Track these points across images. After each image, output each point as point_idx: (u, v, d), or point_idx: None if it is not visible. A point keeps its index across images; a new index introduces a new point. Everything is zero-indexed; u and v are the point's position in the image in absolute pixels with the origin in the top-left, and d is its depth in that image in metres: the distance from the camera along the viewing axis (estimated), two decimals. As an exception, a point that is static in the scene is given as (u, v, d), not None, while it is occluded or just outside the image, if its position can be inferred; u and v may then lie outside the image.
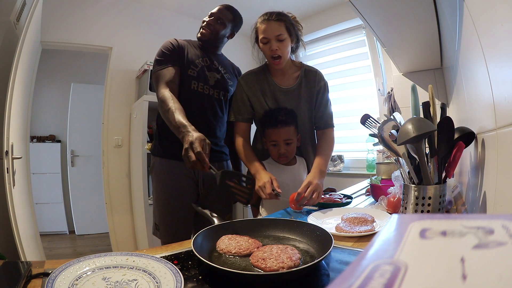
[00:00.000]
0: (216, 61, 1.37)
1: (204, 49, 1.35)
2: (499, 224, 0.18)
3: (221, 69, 1.36)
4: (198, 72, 1.28)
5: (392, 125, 0.84)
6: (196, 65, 1.28)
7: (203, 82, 1.29)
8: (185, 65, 1.26)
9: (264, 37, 1.17)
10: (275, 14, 1.17)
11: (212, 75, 1.32)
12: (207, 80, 1.30)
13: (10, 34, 1.64)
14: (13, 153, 1.58)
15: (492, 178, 0.59)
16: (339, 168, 2.91)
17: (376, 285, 0.14)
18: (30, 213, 1.91)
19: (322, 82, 1.30)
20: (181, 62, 1.25)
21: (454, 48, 1.05)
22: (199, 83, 1.28)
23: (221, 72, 1.36)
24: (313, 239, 0.69)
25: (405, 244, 0.18)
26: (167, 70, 1.21)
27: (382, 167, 1.54)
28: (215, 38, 1.33)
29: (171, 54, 1.24)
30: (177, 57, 1.25)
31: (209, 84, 1.31)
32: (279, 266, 0.56)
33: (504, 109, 0.50)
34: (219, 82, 1.34)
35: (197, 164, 0.87)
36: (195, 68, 1.27)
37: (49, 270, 0.53)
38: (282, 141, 1.18)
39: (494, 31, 0.52)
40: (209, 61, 1.33)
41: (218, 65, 1.36)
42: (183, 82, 1.25)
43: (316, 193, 1.05)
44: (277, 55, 1.18)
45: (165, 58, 1.23)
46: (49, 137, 3.71)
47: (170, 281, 0.51)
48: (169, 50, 1.24)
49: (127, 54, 2.63)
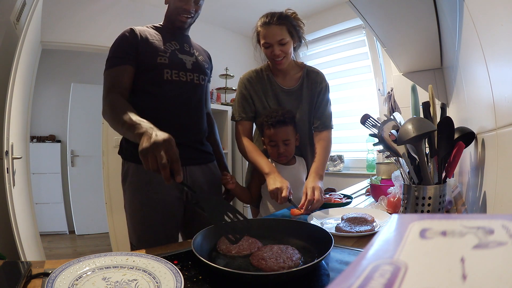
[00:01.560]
0: (186, 43, 1.17)
1: (169, 31, 1.14)
2: (499, 224, 0.18)
3: (194, 51, 1.17)
4: (169, 57, 1.07)
5: (392, 125, 0.84)
6: (165, 50, 1.08)
7: (178, 68, 1.09)
8: (151, 53, 1.05)
9: (265, 42, 1.17)
10: (276, 18, 1.15)
11: (186, 58, 1.12)
12: (182, 64, 1.10)
13: (10, 34, 1.64)
14: (13, 153, 1.59)
15: (492, 178, 0.59)
16: (339, 168, 2.91)
17: (376, 285, 0.14)
18: (30, 213, 1.91)
19: (324, 83, 1.29)
20: (142, 54, 1.04)
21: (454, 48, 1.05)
22: (172, 71, 1.07)
23: (195, 54, 1.16)
24: (313, 239, 0.69)
25: (405, 244, 0.18)
26: (117, 71, 1.01)
27: (382, 167, 1.55)
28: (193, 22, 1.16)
29: (124, 48, 1.03)
30: (132, 51, 1.03)
31: (185, 68, 1.10)
32: (279, 266, 0.56)
33: (504, 109, 0.50)
34: (196, 65, 1.14)
35: (166, 170, 0.65)
36: (164, 54, 1.06)
37: (49, 270, 0.53)
38: (280, 141, 1.18)
39: (494, 31, 0.52)
40: (178, 44, 1.13)
41: (189, 47, 1.17)
42: (152, 75, 1.05)
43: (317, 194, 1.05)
44: (280, 58, 1.18)
45: (116, 54, 1.03)
46: (49, 137, 3.70)
47: (170, 281, 0.51)
48: (122, 43, 1.04)
49: (127, 54, 2.63)
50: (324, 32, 3.05)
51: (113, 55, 1.03)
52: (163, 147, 0.67)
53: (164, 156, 0.66)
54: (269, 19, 1.15)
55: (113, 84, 0.99)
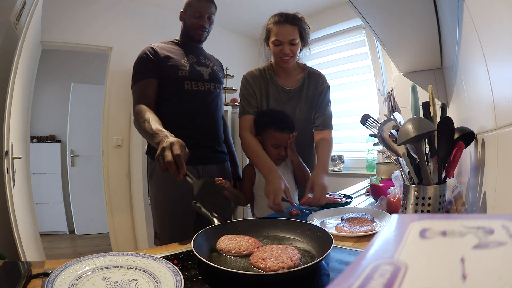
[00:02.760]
0: (202, 55, 1.31)
1: (187, 45, 1.29)
2: (499, 224, 0.18)
3: (209, 63, 1.31)
4: (189, 70, 1.22)
5: (392, 125, 0.84)
6: (184, 64, 1.22)
7: (197, 79, 1.23)
8: (172, 68, 1.19)
9: (277, 40, 1.18)
10: (290, 18, 1.18)
11: (203, 70, 1.27)
12: (200, 75, 1.25)
13: (10, 34, 1.64)
14: (13, 153, 1.58)
15: (492, 178, 0.59)
16: (339, 168, 2.91)
17: (376, 285, 0.14)
18: (30, 213, 1.91)
19: (325, 84, 1.31)
20: (164, 69, 1.18)
21: (454, 48, 1.05)
22: (192, 82, 1.22)
23: (210, 65, 1.30)
24: (313, 239, 0.69)
25: (405, 244, 0.18)
26: (142, 84, 1.15)
27: (382, 167, 1.54)
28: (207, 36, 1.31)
29: (147, 65, 1.17)
30: (154, 67, 1.17)
31: (203, 79, 1.25)
32: (279, 266, 0.56)
33: (504, 109, 0.50)
34: (212, 75, 1.28)
35: (172, 167, 0.78)
36: (184, 67, 1.21)
37: (49, 270, 0.53)
38: (283, 145, 1.20)
39: (494, 31, 0.52)
40: (195, 57, 1.27)
41: (204, 59, 1.31)
42: (174, 87, 1.19)
43: (324, 193, 1.07)
44: (288, 57, 1.19)
45: (139, 70, 1.17)
46: (49, 137, 3.71)
47: (170, 281, 0.51)
48: (144, 61, 1.18)
49: (127, 54, 2.62)
50: (324, 32, 3.05)
51: (137, 71, 1.17)
52: (168, 149, 0.80)
53: (169, 155, 0.78)
54: (283, 18, 1.18)
55: (139, 96, 1.13)
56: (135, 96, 1.15)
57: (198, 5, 1.24)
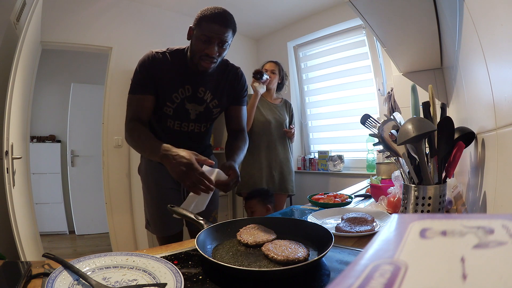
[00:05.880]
0: (203, 86, 1.11)
1: (189, 71, 1.09)
2: (499, 224, 0.18)
3: (207, 97, 1.13)
4: (174, 109, 1.10)
5: (392, 125, 0.84)
6: (173, 100, 1.08)
7: (181, 119, 1.12)
8: (160, 100, 1.08)
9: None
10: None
11: (193, 108, 1.12)
12: (186, 115, 1.12)
13: (10, 34, 1.64)
14: (13, 153, 1.58)
15: (492, 178, 0.59)
16: (339, 168, 2.91)
17: (376, 285, 0.14)
18: (30, 213, 1.91)
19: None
20: (158, 88, 1.07)
21: (454, 48, 1.05)
22: (175, 122, 1.12)
23: (206, 102, 1.13)
24: (313, 238, 0.70)
25: (405, 244, 0.18)
26: (138, 99, 1.06)
27: (382, 167, 1.55)
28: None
29: (144, 78, 1.06)
30: (151, 82, 1.06)
31: (189, 119, 1.13)
32: (291, 256, 0.59)
33: (504, 109, 0.50)
34: (201, 115, 1.14)
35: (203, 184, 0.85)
36: (171, 105, 1.09)
37: (49, 270, 0.53)
38: None
39: (494, 31, 0.51)
40: (192, 90, 1.10)
41: (204, 92, 1.12)
42: (158, 116, 1.12)
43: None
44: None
45: (137, 82, 1.07)
46: (49, 137, 3.70)
47: (170, 281, 0.51)
48: (141, 72, 1.06)
49: (127, 54, 2.63)
50: (324, 32, 3.04)
51: (135, 82, 1.07)
52: (190, 169, 0.86)
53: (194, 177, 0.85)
54: None
55: (134, 112, 1.07)
56: (130, 110, 1.08)
57: (208, 28, 0.98)
